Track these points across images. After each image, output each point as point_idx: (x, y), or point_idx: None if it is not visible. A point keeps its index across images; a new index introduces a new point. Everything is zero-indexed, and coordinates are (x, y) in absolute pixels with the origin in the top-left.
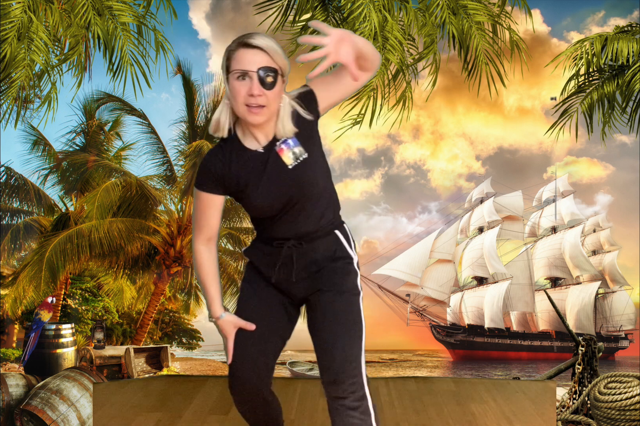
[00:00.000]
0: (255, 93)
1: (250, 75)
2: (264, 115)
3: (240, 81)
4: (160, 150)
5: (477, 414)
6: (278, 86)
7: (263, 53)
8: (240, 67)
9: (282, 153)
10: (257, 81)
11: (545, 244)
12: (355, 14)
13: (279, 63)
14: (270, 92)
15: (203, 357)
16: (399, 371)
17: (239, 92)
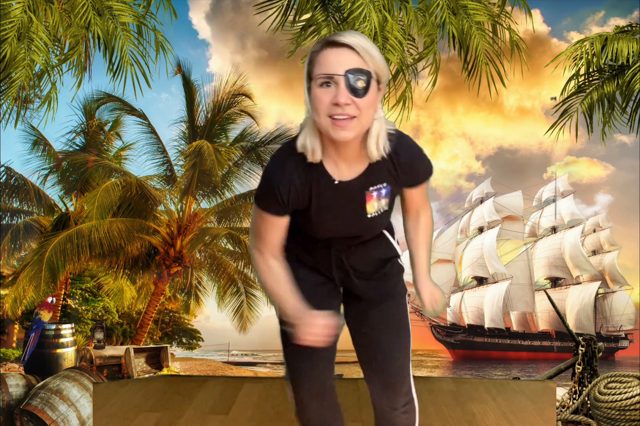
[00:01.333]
0: (341, 101)
1: (336, 80)
2: (353, 129)
3: (324, 88)
4: (160, 150)
5: (477, 414)
6: (371, 94)
7: (353, 52)
8: (323, 71)
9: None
10: (345, 86)
11: (545, 244)
12: (355, 14)
13: (374, 65)
14: (361, 100)
15: (203, 357)
16: None
17: (322, 101)
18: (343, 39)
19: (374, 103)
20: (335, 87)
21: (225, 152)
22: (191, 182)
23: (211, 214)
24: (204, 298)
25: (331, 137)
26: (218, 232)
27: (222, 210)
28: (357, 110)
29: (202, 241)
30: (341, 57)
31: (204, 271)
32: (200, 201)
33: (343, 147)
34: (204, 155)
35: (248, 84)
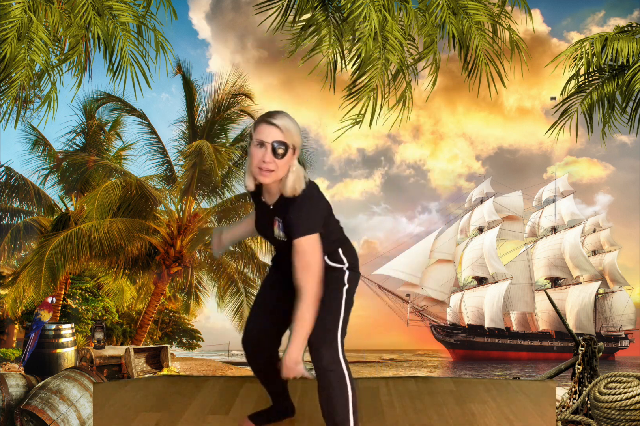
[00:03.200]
0: (267, 160)
1: (266, 146)
2: (271, 178)
3: (258, 148)
4: (160, 150)
5: (477, 414)
6: (287, 157)
7: (278, 130)
8: (260, 138)
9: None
10: (270, 151)
11: (545, 244)
12: (355, 14)
13: (291, 140)
14: (280, 161)
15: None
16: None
17: (256, 157)
18: (274, 120)
19: (288, 162)
20: (265, 150)
21: (225, 152)
22: (191, 182)
23: (211, 214)
24: (204, 298)
25: (258, 179)
26: None
27: (222, 210)
28: (275, 166)
29: (202, 241)
30: (271, 131)
31: (204, 271)
32: (200, 201)
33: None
34: (204, 155)
35: (248, 84)
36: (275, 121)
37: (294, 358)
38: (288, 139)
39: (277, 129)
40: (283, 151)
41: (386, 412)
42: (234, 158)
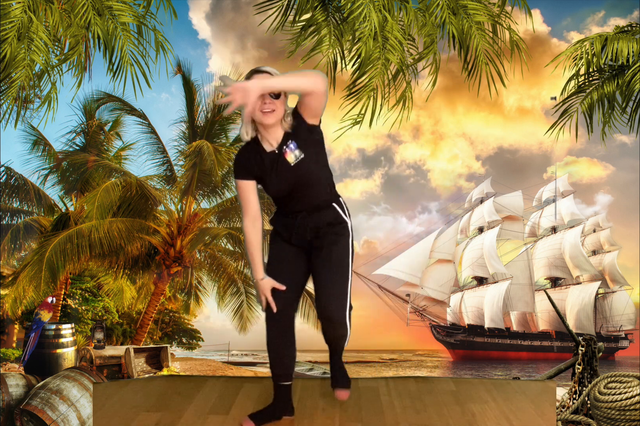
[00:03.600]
0: (267, 101)
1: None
2: (274, 117)
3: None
4: (160, 150)
5: (477, 414)
6: (282, 97)
7: (269, 75)
8: None
9: (287, 155)
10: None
11: (545, 244)
12: (355, 14)
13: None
14: (277, 100)
15: (203, 357)
16: (399, 371)
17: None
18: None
19: (283, 102)
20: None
21: (225, 152)
22: (191, 182)
23: (211, 214)
24: (204, 298)
25: (262, 122)
26: (218, 232)
27: (222, 210)
28: (275, 106)
29: (202, 241)
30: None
31: (204, 271)
32: (200, 201)
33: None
34: (204, 155)
35: None
36: (264, 68)
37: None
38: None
39: (267, 74)
40: (277, 92)
41: (386, 412)
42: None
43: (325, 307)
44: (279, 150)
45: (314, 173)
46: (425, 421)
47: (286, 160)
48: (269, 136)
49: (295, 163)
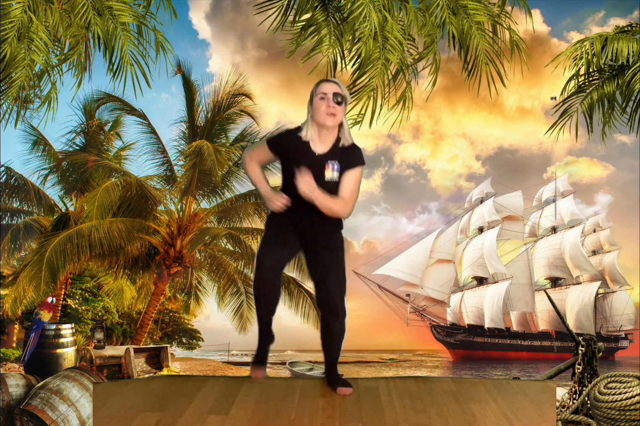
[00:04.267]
0: (331, 104)
1: (328, 96)
2: (335, 120)
3: (321, 100)
4: (160, 150)
5: (477, 414)
6: (343, 106)
7: (336, 85)
8: (322, 91)
9: (327, 169)
10: (332, 99)
11: (545, 244)
12: (355, 14)
13: (344, 93)
14: (339, 107)
15: (203, 357)
16: (399, 371)
17: (320, 106)
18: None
19: (344, 110)
20: (327, 99)
21: (225, 152)
22: (191, 182)
23: (211, 214)
24: (204, 298)
25: (324, 123)
26: (218, 232)
27: (222, 210)
28: (337, 111)
29: (202, 241)
30: (330, 86)
31: (204, 271)
32: (200, 201)
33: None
34: (204, 155)
35: (248, 84)
36: (333, 80)
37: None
38: (343, 92)
39: (335, 84)
40: (340, 99)
41: (386, 412)
42: (234, 158)
43: (329, 297)
44: (324, 158)
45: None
46: (425, 421)
47: (324, 171)
48: (321, 139)
49: (328, 181)
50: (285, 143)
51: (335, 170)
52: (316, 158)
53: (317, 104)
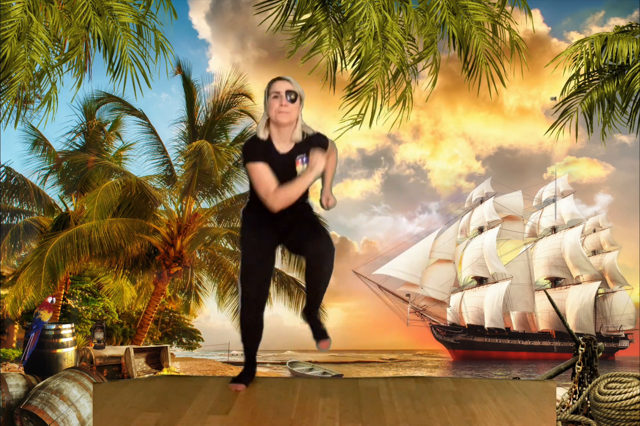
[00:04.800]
0: (283, 103)
1: (280, 94)
2: (288, 118)
3: (274, 99)
4: (160, 150)
5: (477, 414)
6: (297, 103)
7: (288, 82)
8: (275, 90)
9: (298, 164)
10: (284, 97)
11: (545, 244)
12: (355, 14)
13: (298, 90)
14: (292, 105)
15: (203, 357)
16: (399, 371)
17: (273, 105)
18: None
19: (298, 107)
20: (280, 98)
21: (225, 152)
22: (191, 182)
23: (211, 214)
24: (204, 298)
25: (278, 121)
26: (218, 232)
27: (222, 210)
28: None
29: (202, 241)
30: (283, 84)
31: (204, 271)
32: (200, 201)
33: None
34: (204, 155)
35: (248, 84)
36: (284, 77)
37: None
38: (296, 89)
39: (287, 82)
40: (294, 97)
41: (386, 412)
42: (234, 158)
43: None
44: (291, 156)
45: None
46: (425, 421)
47: (295, 167)
48: (280, 137)
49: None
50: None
51: (304, 163)
52: (281, 157)
53: (270, 102)
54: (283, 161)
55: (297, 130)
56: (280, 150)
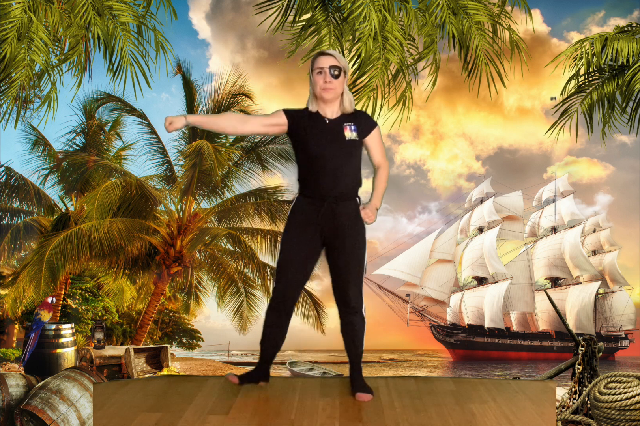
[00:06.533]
0: (327, 79)
1: (324, 70)
2: (332, 93)
3: (319, 75)
4: (160, 150)
5: (477, 414)
6: (341, 78)
7: (333, 57)
8: (319, 65)
9: (346, 130)
10: (329, 73)
11: (545, 244)
12: (355, 14)
13: (342, 64)
14: (337, 80)
15: (203, 357)
16: (399, 371)
17: (318, 81)
18: (328, 51)
19: (343, 82)
20: (324, 73)
21: (225, 152)
22: (191, 182)
23: (211, 214)
24: (204, 298)
25: (322, 99)
26: (218, 232)
27: (222, 210)
28: (334, 85)
29: (202, 241)
30: (327, 59)
31: (204, 271)
32: (200, 201)
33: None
34: (204, 155)
35: (248, 83)
36: (328, 52)
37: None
38: (340, 64)
39: (331, 57)
40: (338, 72)
41: (386, 412)
42: (234, 158)
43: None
44: (339, 122)
45: (356, 156)
46: (425, 421)
47: (343, 133)
48: (327, 109)
49: (349, 139)
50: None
51: (353, 131)
52: (329, 124)
53: (315, 79)
54: (329, 127)
55: (346, 102)
56: (327, 117)
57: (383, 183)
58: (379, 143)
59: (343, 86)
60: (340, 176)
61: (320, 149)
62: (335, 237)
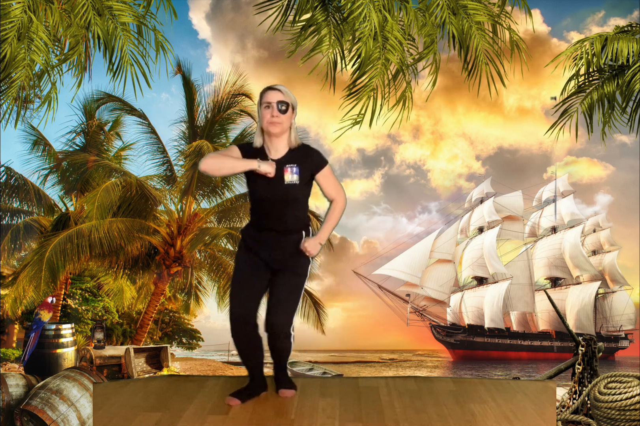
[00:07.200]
0: (274, 114)
1: (272, 105)
2: (279, 128)
3: (266, 109)
4: (160, 150)
5: (477, 414)
6: (289, 113)
7: (280, 93)
8: (266, 100)
9: (286, 173)
10: (276, 108)
11: (545, 244)
12: (355, 14)
13: (290, 100)
14: (284, 115)
15: (203, 357)
16: (399, 371)
17: (265, 115)
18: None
19: (290, 117)
20: (272, 108)
21: None
22: (191, 182)
23: (211, 214)
24: (204, 298)
25: (270, 131)
26: (218, 232)
27: (222, 210)
28: (281, 120)
29: (202, 241)
30: (274, 94)
31: (204, 271)
32: (200, 201)
33: (275, 139)
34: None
35: (248, 84)
36: (276, 87)
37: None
38: (288, 99)
39: (279, 92)
40: (285, 108)
41: (386, 412)
42: None
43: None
44: (281, 164)
45: (300, 197)
46: (425, 421)
47: (282, 175)
48: (272, 146)
49: (287, 183)
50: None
51: (294, 173)
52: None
53: (262, 112)
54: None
55: (292, 138)
56: (271, 157)
57: (334, 218)
58: (331, 180)
59: (290, 121)
60: (284, 217)
61: (264, 192)
62: (277, 264)
